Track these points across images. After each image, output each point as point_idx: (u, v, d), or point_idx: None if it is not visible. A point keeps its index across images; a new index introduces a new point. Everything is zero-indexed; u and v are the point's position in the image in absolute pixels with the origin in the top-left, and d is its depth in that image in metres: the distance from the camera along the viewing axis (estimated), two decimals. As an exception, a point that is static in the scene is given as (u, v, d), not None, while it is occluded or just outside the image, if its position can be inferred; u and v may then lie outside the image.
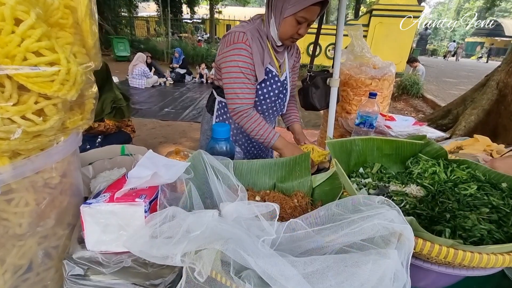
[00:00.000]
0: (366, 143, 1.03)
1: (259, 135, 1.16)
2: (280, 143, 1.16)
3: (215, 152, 0.96)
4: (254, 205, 0.59)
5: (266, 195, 0.83)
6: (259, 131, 1.16)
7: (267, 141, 1.16)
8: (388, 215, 0.58)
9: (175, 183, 0.68)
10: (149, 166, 0.66)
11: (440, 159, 0.96)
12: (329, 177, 0.82)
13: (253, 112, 1.17)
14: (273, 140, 1.16)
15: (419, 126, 1.64)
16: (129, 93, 6.13)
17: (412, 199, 0.79)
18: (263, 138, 1.16)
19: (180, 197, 0.65)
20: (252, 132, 1.16)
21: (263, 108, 1.26)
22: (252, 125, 1.16)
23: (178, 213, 0.53)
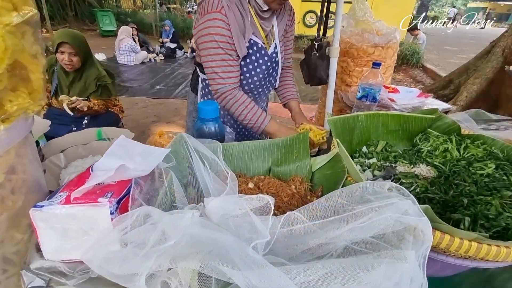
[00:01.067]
0: (371, 119, 0.93)
1: (247, 119, 1.03)
2: (272, 127, 1.03)
3: (202, 134, 0.86)
4: (244, 199, 0.50)
5: (260, 181, 0.75)
6: (247, 115, 1.02)
7: (257, 126, 1.03)
8: (401, 205, 0.49)
9: (155, 172, 0.59)
10: (121, 155, 0.56)
11: (452, 135, 0.87)
12: (330, 160, 0.73)
13: (239, 92, 1.02)
14: (263, 124, 1.03)
15: (424, 98, 1.53)
16: (118, 71, 5.85)
17: (423, 181, 0.71)
18: (252, 122, 1.03)
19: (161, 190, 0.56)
20: (239, 116, 1.03)
21: (251, 87, 1.11)
22: (239, 108, 1.02)
23: (152, 213, 0.44)
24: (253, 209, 0.50)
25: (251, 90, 1.12)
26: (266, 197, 0.51)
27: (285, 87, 1.30)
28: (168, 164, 0.62)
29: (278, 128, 1.04)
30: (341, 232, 0.48)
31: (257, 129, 1.04)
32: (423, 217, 0.47)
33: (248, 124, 1.04)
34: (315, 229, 0.52)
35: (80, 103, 2.02)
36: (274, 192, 0.70)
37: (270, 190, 0.70)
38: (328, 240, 0.48)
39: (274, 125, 1.05)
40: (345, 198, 0.55)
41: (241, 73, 1.06)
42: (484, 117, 1.12)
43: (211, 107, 0.84)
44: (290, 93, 1.30)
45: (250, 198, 0.51)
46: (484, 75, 3.55)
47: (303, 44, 7.86)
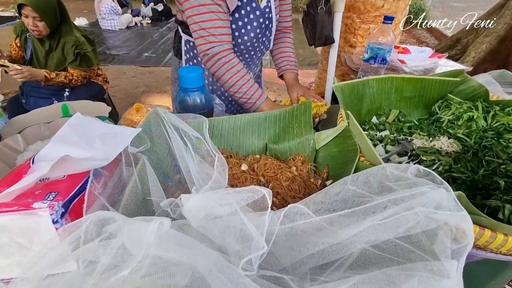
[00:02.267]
0: (383, 84, 0.80)
1: (241, 93, 0.84)
2: (267, 106, 0.87)
3: (186, 108, 0.73)
4: (232, 192, 0.39)
5: (255, 161, 0.64)
6: (242, 87, 0.84)
7: (251, 102, 0.85)
8: (432, 196, 0.39)
9: (122, 158, 0.47)
10: (74, 139, 0.44)
11: (478, 101, 0.74)
12: (338, 135, 0.61)
13: (234, 58, 0.84)
14: (259, 101, 0.85)
15: (437, 59, 1.37)
16: (102, 37, 5.44)
17: (446, 158, 0.60)
18: (246, 97, 0.85)
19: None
20: (232, 88, 0.84)
21: (241, 48, 0.94)
22: (234, 77, 0.83)
23: (110, 220, 0.33)
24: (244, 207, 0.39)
25: (242, 53, 0.95)
26: (262, 189, 0.40)
27: (282, 55, 1.09)
28: (139, 148, 0.50)
29: (272, 107, 0.87)
30: (357, 231, 0.38)
31: (250, 106, 0.87)
32: (462, 211, 0.37)
33: (241, 98, 0.86)
34: (323, 226, 0.42)
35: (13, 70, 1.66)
36: (271, 176, 0.59)
37: (266, 172, 0.60)
38: (340, 240, 0.38)
39: (269, 104, 0.88)
40: (360, 186, 0.44)
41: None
42: (509, 79, 0.99)
43: (194, 74, 0.70)
44: (286, 63, 1.09)
45: (240, 191, 0.40)
46: (495, 33, 3.30)
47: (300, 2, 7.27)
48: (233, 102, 1.09)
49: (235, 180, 0.58)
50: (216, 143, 0.66)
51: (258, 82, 1.18)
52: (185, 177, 0.52)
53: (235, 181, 0.58)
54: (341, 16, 1.24)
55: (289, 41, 1.12)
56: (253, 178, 0.59)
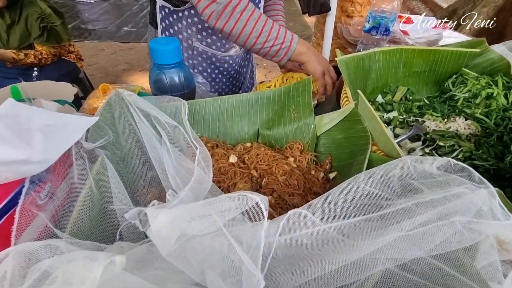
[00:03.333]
0: (391, 57, 0.70)
1: (271, 40, 0.67)
2: (304, 45, 0.71)
3: (162, 88, 0.61)
4: (215, 204, 0.30)
5: (245, 151, 0.54)
6: (272, 32, 0.67)
7: (285, 46, 0.69)
8: (471, 200, 0.30)
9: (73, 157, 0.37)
10: (4, 134, 0.33)
11: (498, 76, 0.65)
12: (343, 119, 0.52)
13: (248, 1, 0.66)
14: (293, 42, 0.69)
15: (441, 29, 1.26)
16: (76, 10, 5.00)
17: (468, 144, 0.52)
18: (278, 42, 0.68)
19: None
20: (259, 39, 0.67)
21: None
22: (257, 24, 0.66)
23: (42, 254, 0.23)
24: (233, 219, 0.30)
25: None
26: (254, 196, 0.30)
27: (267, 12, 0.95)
28: (97, 142, 0.39)
29: (307, 48, 0.71)
30: (378, 246, 0.30)
31: (285, 52, 0.70)
32: (510, 219, 0.29)
33: (273, 47, 0.69)
34: (333, 237, 0.34)
35: None
36: (265, 169, 0.50)
37: (259, 165, 0.50)
38: (355, 258, 0.30)
39: (305, 43, 0.72)
40: (376, 185, 0.36)
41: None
42: (523, 50, 0.90)
43: (169, 46, 0.57)
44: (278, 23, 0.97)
45: (226, 200, 0.30)
46: (493, 3, 3.17)
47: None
48: (218, 80, 0.96)
49: (222, 175, 0.49)
50: (199, 131, 0.56)
51: (248, 57, 1.05)
52: (159, 175, 0.42)
53: (222, 176, 0.49)
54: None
55: (279, 8, 0.99)
56: (243, 173, 0.49)
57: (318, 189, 0.49)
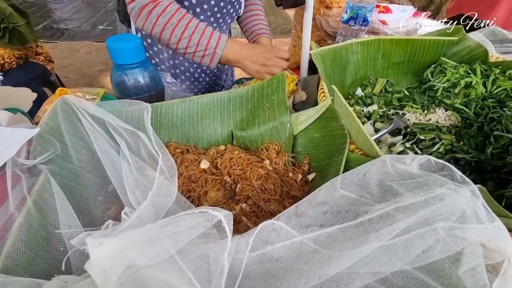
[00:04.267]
0: (368, 48, 0.67)
1: (192, 46, 0.62)
2: (232, 51, 0.64)
3: (125, 91, 0.56)
4: (170, 225, 0.26)
5: (218, 155, 0.50)
6: (192, 38, 0.61)
7: (209, 53, 0.62)
8: (453, 202, 0.28)
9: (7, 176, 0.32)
10: None
11: (476, 64, 0.64)
12: (320, 116, 0.49)
13: (169, 3, 0.62)
14: (218, 48, 0.62)
15: (420, 18, 1.25)
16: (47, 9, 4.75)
17: (449, 136, 0.50)
18: (201, 49, 0.62)
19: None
20: (180, 44, 0.62)
21: (206, 14, 0.75)
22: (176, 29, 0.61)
23: None
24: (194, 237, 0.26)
25: (208, 18, 0.77)
26: (216, 212, 0.27)
27: (254, 18, 0.92)
28: (41, 156, 0.34)
29: (240, 50, 0.64)
30: (357, 257, 0.27)
31: (210, 60, 0.64)
32: (495, 221, 0.27)
33: (196, 54, 0.63)
34: (309, 248, 0.31)
35: None
36: (239, 174, 0.46)
37: (233, 170, 0.47)
38: (334, 272, 0.27)
39: (234, 47, 0.64)
40: (354, 189, 0.33)
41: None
42: (500, 37, 0.90)
43: (129, 44, 0.52)
44: (260, 26, 0.91)
45: (184, 218, 0.27)
46: (468, -9, 3.23)
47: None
48: (201, 79, 0.91)
49: (192, 184, 0.45)
50: (166, 136, 0.51)
51: None
52: (116, 190, 0.37)
53: (193, 184, 0.45)
54: (315, -31, 1.06)
55: (259, 3, 0.95)
56: (215, 180, 0.45)
57: (297, 192, 0.46)
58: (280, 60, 0.63)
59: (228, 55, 0.64)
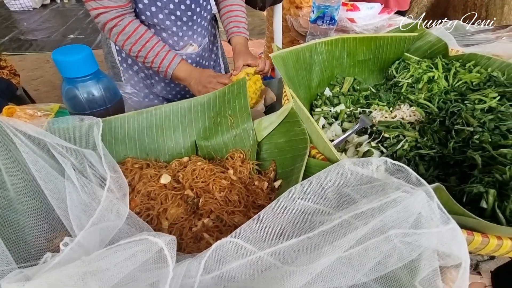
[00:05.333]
0: (333, 47, 0.67)
1: (148, 62, 0.72)
2: (182, 71, 0.73)
3: (78, 105, 0.52)
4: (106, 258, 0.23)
5: (181, 167, 0.48)
6: (148, 56, 0.71)
7: (162, 71, 0.73)
8: (409, 206, 0.27)
9: None
10: None
11: (437, 58, 0.65)
12: (283, 121, 0.47)
13: (128, 22, 0.68)
14: (169, 68, 0.72)
15: (387, 14, 1.28)
16: (13, 21, 4.53)
17: (412, 133, 0.50)
18: (155, 66, 0.73)
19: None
20: (141, 59, 0.72)
21: (169, 17, 0.74)
22: (134, 47, 0.70)
23: None
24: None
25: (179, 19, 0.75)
26: (157, 239, 0.24)
27: (229, 15, 0.86)
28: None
29: (190, 73, 0.73)
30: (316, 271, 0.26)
31: (163, 76, 0.76)
32: (450, 223, 0.26)
33: (152, 68, 0.75)
34: (268, 264, 0.29)
35: None
36: (201, 187, 0.44)
37: (196, 183, 0.44)
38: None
39: (185, 67, 0.73)
40: (312, 198, 0.31)
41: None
42: (461, 31, 0.92)
43: (78, 56, 0.49)
44: (233, 25, 0.86)
45: (123, 247, 0.24)
46: (435, -14, 3.35)
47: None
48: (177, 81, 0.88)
49: (151, 201, 0.42)
50: (123, 151, 0.48)
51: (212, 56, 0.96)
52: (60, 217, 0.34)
53: (152, 202, 0.42)
54: (280, -30, 1.05)
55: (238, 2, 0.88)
56: (176, 195, 0.43)
57: (263, 201, 0.44)
58: (218, 84, 0.68)
59: (179, 74, 0.73)
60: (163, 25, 0.75)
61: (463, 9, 3.23)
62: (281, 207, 0.31)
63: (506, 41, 0.79)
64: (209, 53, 0.93)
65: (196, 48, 0.85)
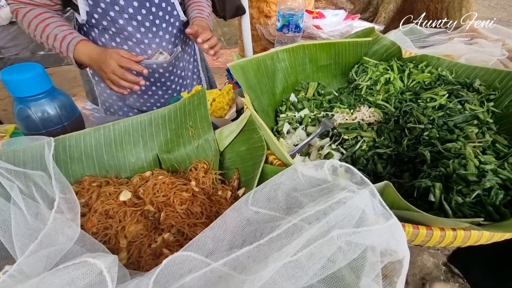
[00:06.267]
0: (295, 54, 0.68)
1: (52, 49, 0.70)
2: (82, 54, 0.67)
3: (31, 126, 0.50)
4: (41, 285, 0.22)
5: (142, 182, 0.47)
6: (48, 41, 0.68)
7: (64, 55, 0.69)
8: (353, 205, 0.28)
9: None
10: None
11: (393, 60, 0.68)
12: (243, 129, 0.48)
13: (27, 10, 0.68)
14: (69, 51, 0.67)
15: (351, 20, 1.33)
16: (-22, 38, 4.35)
17: (369, 133, 0.52)
18: (57, 50, 0.69)
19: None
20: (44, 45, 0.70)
21: (131, 23, 0.72)
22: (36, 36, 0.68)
23: None
24: None
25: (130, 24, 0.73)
26: (95, 261, 0.24)
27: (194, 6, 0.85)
28: None
29: (88, 57, 0.68)
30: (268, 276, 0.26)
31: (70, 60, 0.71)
32: (391, 218, 0.27)
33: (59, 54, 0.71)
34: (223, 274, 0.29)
35: None
36: (163, 201, 0.43)
37: (156, 197, 0.44)
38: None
39: (85, 50, 0.68)
40: (263, 204, 0.32)
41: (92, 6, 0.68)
42: (417, 33, 0.98)
43: (27, 74, 0.47)
44: (197, 12, 0.83)
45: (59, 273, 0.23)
46: (399, -8, 3.55)
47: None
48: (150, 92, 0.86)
49: (109, 220, 0.41)
50: (80, 170, 0.47)
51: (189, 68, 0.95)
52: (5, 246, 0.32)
53: (110, 220, 0.41)
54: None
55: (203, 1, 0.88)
56: (135, 211, 0.42)
57: (227, 210, 0.44)
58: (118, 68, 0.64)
59: (81, 58, 0.68)
60: (125, 31, 0.74)
61: (426, 13, 3.44)
62: (234, 215, 0.31)
63: (457, 41, 0.84)
64: (184, 62, 0.91)
65: (167, 57, 0.83)
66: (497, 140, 0.44)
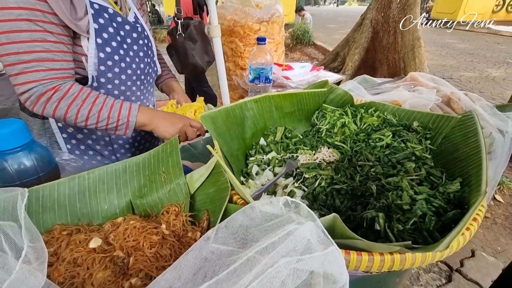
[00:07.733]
0: (262, 103, 0.77)
1: (103, 120, 0.66)
2: (146, 115, 0.70)
3: (7, 178, 0.52)
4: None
5: (113, 228, 0.48)
6: (101, 113, 0.65)
7: (122, 124, 0.68)
8: (300, 235, 0.32)
9: None
10: None
11: (347, 107, 0.78)
12: (212, 172, 0.52)
13: (70, 86, 0.64)
14: (131, 116, 0.68)
15: (316, 71, 1.50)
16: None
17: (326, 172, 0.58)
18: (113, 122, 0.67)
19: None
20: (89, 121, 0.66)
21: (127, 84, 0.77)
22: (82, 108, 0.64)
23: None
24: None
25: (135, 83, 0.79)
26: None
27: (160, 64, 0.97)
28: None
29: (153, 115, 0.71)
30: None
31: (125, 129, 0.69)
32: (331, 245, 0.31)
33: (109, 126, 0.67)
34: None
35: None
36: (133, 246, 0.45)
37: (126, 243, 0.45)
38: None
39: (148, 112, 0.71)
40: (223, 240, 0.35)
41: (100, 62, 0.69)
42: (370, 82, 1.12)
43: (7, 129, 0.51)
44: (166, 72, 1.00)
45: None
46: (361, 45, 4.03)
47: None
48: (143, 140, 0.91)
49: (77, 268, 0.42)
50: (51, 219, 0.48)
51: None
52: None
53: (78, 268, 0.41)
54: (219, 41, 1.22)
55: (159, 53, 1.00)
56: (104, 257, 0.43)
57: (196, 252, 0.46)
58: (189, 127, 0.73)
59: (143, 119, 0.70)
60: (116, 90, 0.76)
61: (386, 62, 3.88)
62: (195, 252, 0.34)
63: (402, 89, 0.97)
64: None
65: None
66: (432, 173, 0.51)
